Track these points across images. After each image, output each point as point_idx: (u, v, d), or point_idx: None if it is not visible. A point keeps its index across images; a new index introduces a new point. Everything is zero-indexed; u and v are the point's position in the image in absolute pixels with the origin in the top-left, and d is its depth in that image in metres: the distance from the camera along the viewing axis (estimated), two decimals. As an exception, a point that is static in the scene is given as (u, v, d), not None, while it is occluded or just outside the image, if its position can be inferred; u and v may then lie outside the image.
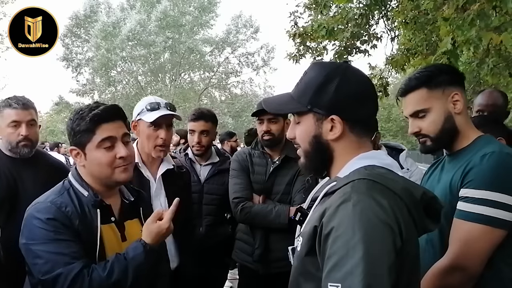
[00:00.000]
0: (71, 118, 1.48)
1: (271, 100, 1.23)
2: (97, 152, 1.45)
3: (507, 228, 1.33)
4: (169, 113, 2.07)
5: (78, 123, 1.45)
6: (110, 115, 1.48)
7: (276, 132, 2.50)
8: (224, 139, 6.01)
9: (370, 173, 1.00)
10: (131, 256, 1.40)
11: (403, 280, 0.93)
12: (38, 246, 1.37)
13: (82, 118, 1.45)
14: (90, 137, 1.45)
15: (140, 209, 1.63)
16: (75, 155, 1.51)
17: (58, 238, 1.37)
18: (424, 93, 1.48)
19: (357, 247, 0.87)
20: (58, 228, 1.38)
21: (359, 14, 6.82)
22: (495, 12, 4.02)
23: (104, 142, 1.45)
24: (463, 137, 1.49)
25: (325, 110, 1.07)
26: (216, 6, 28.16)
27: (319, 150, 1.10)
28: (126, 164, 1.50)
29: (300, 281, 1.03)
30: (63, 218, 1.40)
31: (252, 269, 2.52)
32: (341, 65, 1.12)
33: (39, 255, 1.37)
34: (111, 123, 1.47)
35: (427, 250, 1.46)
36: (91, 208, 1.46)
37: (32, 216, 1.41)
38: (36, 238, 1.38)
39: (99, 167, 1.47)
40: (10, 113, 2.14)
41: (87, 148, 1.46)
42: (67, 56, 26.86)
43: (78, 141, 1.47)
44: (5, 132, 2.14)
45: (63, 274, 1.33)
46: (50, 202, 1.43)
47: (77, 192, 1.48)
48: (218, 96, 30.05)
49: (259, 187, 2.53)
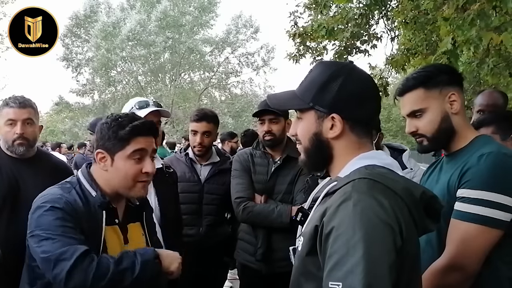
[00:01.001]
0: (108, 122, 1.50)
1: (274, 96, 1.24)
2: (126, 162, 1.47)
3: (503, 227, 1.34)
4: (157, 108, 2.14)
5: (116, 130, 1.47)
6: (147, 129, 1.52)
7: (277, 132, 2.51)
8: (225, 139, 6.01)
9: (370, 173, 1.01)
10: (140, 253, 1.43)
11: (404, 279, 0.93)
12: (46, 230, 1.37)
13: (121, 126, 1.47)
14: (123, 146, 1.47)
15: (143, 214, 1.66)
16: (100, 159, 1.51)
17: (65, 225, 1.38)
18: (421, 93, 1.48)
19: (358, 246, 0.88)
20: (66, 217, 1.39)
21: (359, 14, 6.82)
22: (495, 12, 4.02)
23: (136, 154, 1.47)
24: (461, 137, 1.50)
25: (326, 108, 1.07)
26: (216, 6, 28.14)
27: (318, 148, 1.10)
28: (147, 180, 1.53)
29: (301, 281, 1.04)
30: (70, 210, 1.41)
31: (254, 269, 2.53)
32: (347, 65, 1.13)
33: (47, 237, 1.36)
34: (146, 138, 1.50)
35: (426, 250, 1.46)
36: (97, 209, 1.47)
37: (40, 206, 1.42)
38: (43, 224, 1.39)
39: (124, 178, 1.49)
40: (7, 111, 2.15)
41: (117, 155, 1.48)
42: (67, 56, 26.81)
43: (110, 146, 1.48)
44: (3, 131, 2.15)
45: (69, 250, 1.33)
46: (60, 195, 1.44)
47: (85, 190, 1.50)
48: (218, 96, 30.03)
49: (260, 187, 2.53)
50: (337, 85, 1.07)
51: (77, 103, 26.87)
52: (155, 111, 2.14)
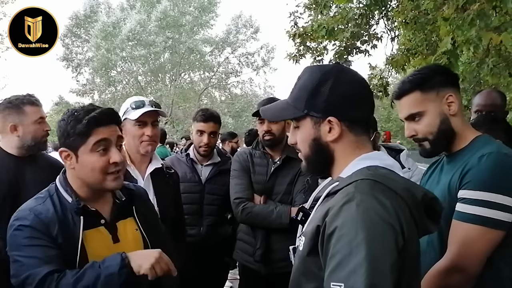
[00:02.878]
0: (65, 119, 1.44)
1: (268, 108, 1.25)
2: (91, 156, 1.42)
3: (504, 228, 1.34)
4: (153, 109, 2.10)
5: (73, 125, 1.42)
6: (106, 118, 1.45)
7: (276, 132, 2.51)
8: (226, 139, 6.04)
9: (373, 174, 1.01)
10: (105, 265, 1.34)
11: (405, 278, 0.94)
12: (15, 252, 1.37)
13: (78, 120, 1.41)
14: (84, 140, 1.41)
15: (133, 208, 1.60)
16: (65, 157, 1.46)
17: (32, 244, 1.36)
18: (418, 96, 1.48)
19: (360, 247, 0.88)
20: (34, 234, 1.37)
21: (359, 14, 6.83)
22: (495, 12, 4.02)
23: (99, 145, 1.42)
24: (461, 138, 1.49)
25: (321, 112, 1.08)
26: (216, 6, 28.11)
27: (319, 152, 1.11)
28: (118, 170, 1.46)
29: (302, 281, 1.04)
30: (39, 225, 1.38)
31: (253, 270, 2.53)
32: (334, 66, 1.14)
33: (15, 260, 1.36)
34: (107, 127, 1.44)
35: (428, 252, 1.46)
36: (74, 215, 1.43)
37: (11, 225, 1.41)
38: (12, 245, 1.38)
39: (91, 172, 1.43)
40: (35, 110, 2.22)
41: (80, 150, 1.43)
42: (67, 56, 26.81)
43: (71, 143, 1.43)
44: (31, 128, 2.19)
45: (31, 275, 1.31)
46: (29, 210, 1.42)
47: (61, 197, 1.46)
48: (218, 96, 30.01)
49: (260, 187, 2.53)
50: (327, 88, 1.07)
51: (77, 103, 26.80)
52: (151, 111, 2.11)
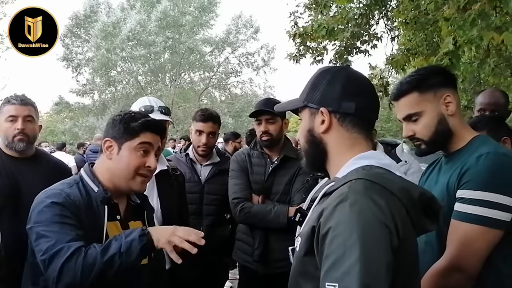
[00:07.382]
0: (121, 115, 1.58)
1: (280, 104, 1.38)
2: (132, 153, 1.53)
3: (503, 227, 1.34)
4: (161, 118, 2.09)
5: (128, 121, 1.54)
6: (157, 128, 1.60)
7: (274, 132, 2.51)
8: (229, 139, 6.08)
9: (367, 173, 1.01)
10: (127, 234, 1.42)
11: (400, 279, 0.93)
12: (44, 227, 1.41)
13: (134, 119, 1.55)
14: (132, 137, 1.54)
15: (145, 213, 1.69)
16: (107, 147, 1.56)
17: (63, 221, 1.41)
18: (415, 96, 1.49)
19: (354, 247, 0.88)
20: (65, 212, 1.43)
21: (359, 14, 6.81)
22: (495, 12, 4.02)
23: (142, 146, 1.54)
24: (459, 138, 1.50)
25: (316, 103, 1.13)
26: (216, 6, 28.10)
27: (312, 143, 1.14)
28: (148, 175, 1.58)
29: (300, 282, 1.04)
30: (70, 205, 1.44)
31: (252, 269, 2.53)
32: (340, 66, 1.20)
33: (44, 235, 1.40)
34: (155, 135, 1.58)
35: (426, 251, 1.46)
36: (99, 204, 1.50)
37: (41, 201, 1.46)
38: (42, 220, 1.42)
39: (126, 167, 1.53)
40: (9, 108, 2.18)
41: (124, 145, 1.54)
42: (67, 56, 26.77)
43: (119, 136, 1.54)
44: (3, 127, 2.16)
45: (64, 248, 1.36)
46: (60, 190, 1.49)
47: (87, 186, 1.54)
48: (218, 96, 30.01)
49: (258, 187, 2.53)
50: (325, 82, 1.12)
51: (77, 103, 26.81)
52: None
